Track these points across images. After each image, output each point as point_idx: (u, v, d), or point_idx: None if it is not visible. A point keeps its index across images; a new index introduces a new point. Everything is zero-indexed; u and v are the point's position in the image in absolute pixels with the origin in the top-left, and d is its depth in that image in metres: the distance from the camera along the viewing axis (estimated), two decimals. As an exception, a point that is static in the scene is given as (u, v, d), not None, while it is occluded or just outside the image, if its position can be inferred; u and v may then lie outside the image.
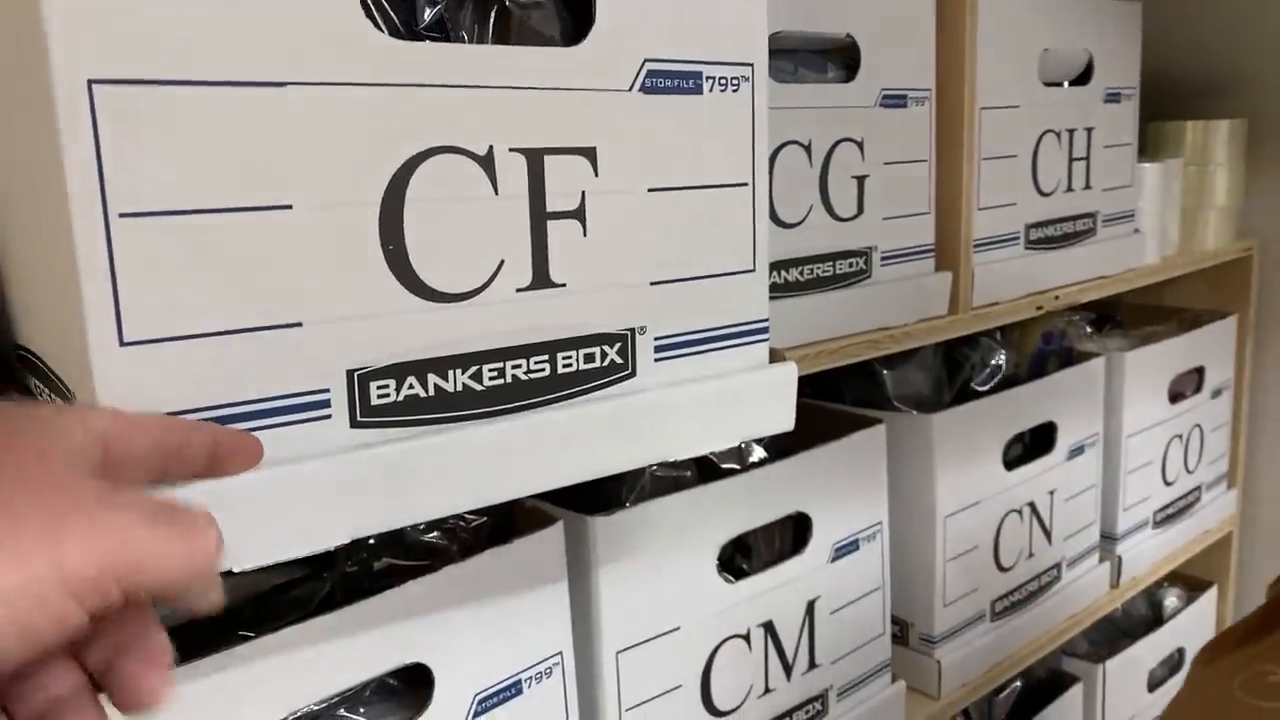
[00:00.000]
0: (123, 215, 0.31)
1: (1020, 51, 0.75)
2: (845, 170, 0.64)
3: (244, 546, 0.33)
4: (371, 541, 0.50)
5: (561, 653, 0.53)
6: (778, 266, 0.61)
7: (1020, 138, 0.76)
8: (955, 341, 0.82)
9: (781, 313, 0.60)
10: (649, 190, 0.42)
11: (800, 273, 0.62)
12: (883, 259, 0.67)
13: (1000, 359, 0.84)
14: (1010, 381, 0.84)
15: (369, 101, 0.35)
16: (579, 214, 0.40)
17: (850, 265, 0.65)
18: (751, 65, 0.44)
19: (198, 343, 0.32)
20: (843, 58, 0.65)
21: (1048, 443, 0.86)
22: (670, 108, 0.42)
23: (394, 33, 0.37)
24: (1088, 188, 0.84)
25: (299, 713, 0.43)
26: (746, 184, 0.45)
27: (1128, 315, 1.11)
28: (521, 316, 0.39)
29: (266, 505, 0.34)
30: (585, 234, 0.41)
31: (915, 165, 0.69)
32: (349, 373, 0.36)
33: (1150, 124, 1.02)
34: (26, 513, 0.23)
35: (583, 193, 0.40)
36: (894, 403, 0.80)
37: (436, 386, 0.38)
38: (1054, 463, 0.86)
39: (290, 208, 0.34)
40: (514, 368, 0.39)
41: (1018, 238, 0.77)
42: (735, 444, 0.46)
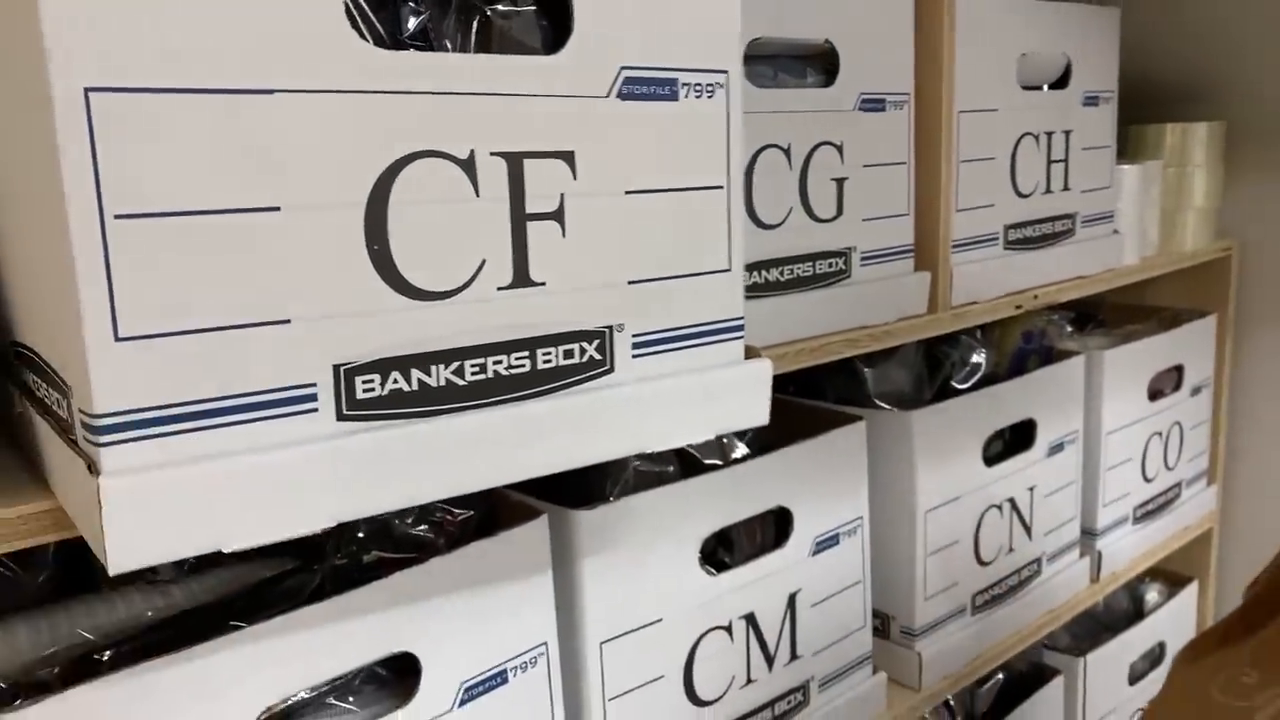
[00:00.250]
0: (118, 217, 0.32)
1: (998, 55, 0.76)
2: (825, 172, 0.65)
3: (235, 527, 0.35)
4: (361, 535, 0.51)
5: (546, 643, 0.54)
6: (758, 267, 0.62)
7: (999, 140, 0.77)
8: (936, 340, 0.83)
9: (761, 312, 0.61)
10: (626, 193, 0.43)
11: (780, 273, 0.63)
12: (862, 259, 0.68)
13: (980, 357, 0.85)
14: (990, 379, 0.85)
15: (354, 107, 0.36)
16: (558, 215, 0.42)
17: (830, 265, 0.66)
18: (726, 72, 0.46)
19: (190, 339, 0.34)
20: (822, 63, 0.66)
21: (1028, 439, 0.87)
22: (647, 114, 0.43)
23: (379, 42, 0.38)
24: (1066, 189, 0.85)
25: (290, 699, 0.44)
26: (722, 186, 0.47)
27: (1109, 314, 1.12)
28: (502, 314, 0.41)
29: (256, 490, 0.35)
30: (564, 235, 0.42)
31: (894, 167, 0.70)
32: (335, 368, 0.37)
33: (1130, 126, 1.04)
34: None
35: (562, 195, 0.41)
36: (875, 400, 0.82)
37: (420, 381, 0.39)
38: (1034, 459, 0.88)
39: (279, 209, 0.35)
40: (495, 363, 0.41)
41: (996, 238, 0.79)
42: (711, 437, 0.47)
